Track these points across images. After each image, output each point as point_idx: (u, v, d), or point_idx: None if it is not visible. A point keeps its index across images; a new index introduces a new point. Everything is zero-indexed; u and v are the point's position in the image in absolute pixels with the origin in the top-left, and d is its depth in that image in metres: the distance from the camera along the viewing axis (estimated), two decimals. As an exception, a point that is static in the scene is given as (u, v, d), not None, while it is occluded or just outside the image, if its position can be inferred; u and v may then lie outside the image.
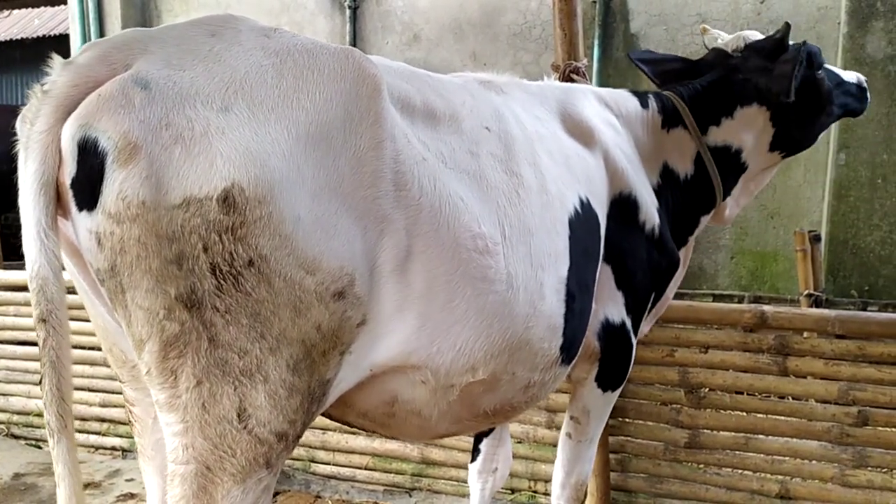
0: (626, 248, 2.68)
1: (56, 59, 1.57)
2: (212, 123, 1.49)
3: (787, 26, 3.04)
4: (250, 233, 1.51)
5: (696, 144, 3.03)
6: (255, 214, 1.51)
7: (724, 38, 3.22)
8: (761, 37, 3.15)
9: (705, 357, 3.76)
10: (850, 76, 3.34)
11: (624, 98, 2.99)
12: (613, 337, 2.69)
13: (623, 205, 2.67)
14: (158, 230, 1.47)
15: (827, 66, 3.24)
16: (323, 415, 1.91)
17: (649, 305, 2.90)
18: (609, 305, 2.65)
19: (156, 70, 1.52)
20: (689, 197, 3.05)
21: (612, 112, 2.87)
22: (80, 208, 1.51)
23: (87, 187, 1.48)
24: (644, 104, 3.00)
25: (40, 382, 1.57)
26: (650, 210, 2.75)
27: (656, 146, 2.98)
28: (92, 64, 1.54)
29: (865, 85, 3.37)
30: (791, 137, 3.14)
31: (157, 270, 1.48)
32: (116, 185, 1.45)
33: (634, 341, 2.80)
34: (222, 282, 1.51)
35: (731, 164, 3.10)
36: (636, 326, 2.80)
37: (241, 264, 1.52)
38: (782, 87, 2.94)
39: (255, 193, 1.50)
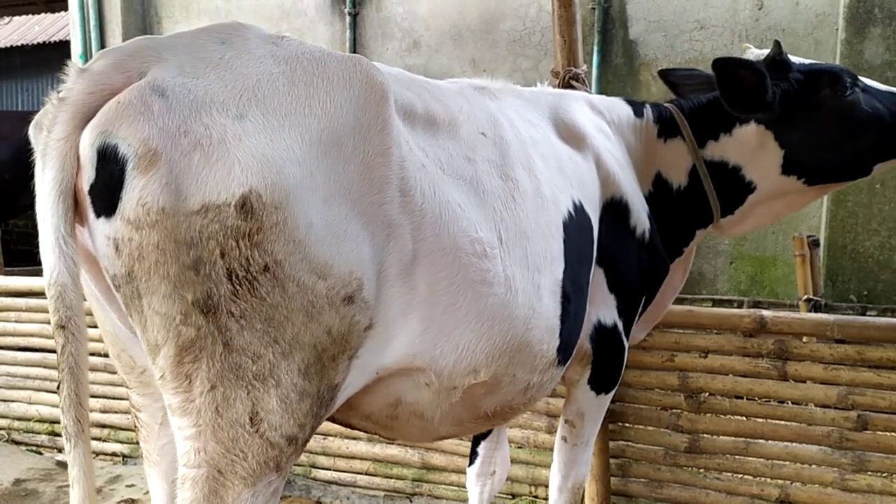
0: (618, 252, 2.71)
1: (71, 67, 1.59)
2: (229, 130, 1.52)
3: (777, 44, 2.92)
4: (266, 238, 1.54)
5: (692, 157, 3.00)
6: (272, 220, 1.53)
7: (753, 55, 3.05)
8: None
9: (705, 362, 3.77)
10: None
11: (616, 105, 3.02)
12: (605, 339, 2.72)
13: (615, 209, 2.71)
14: (177, 236, 1.49)
15: (892, 90, 2.97)
16: (327, 418, 1.93)
17: (640, 309, 2.94)
18: (601, 308, 2.69)
19: (171, 78, 1.54)
20: (681, 208, 3.03)
21: (604, 118, 2.90)
22: (98, 215, 1.53)
23: (107, 194, 1.51)
24: (638, 113, 3.03)
25: (58, 388, 1.59)
26: (641, 215, 2.78)
27: (650, 155, 3.00)
28: (107, 71, 1.56)
29: None
30: (807, 162, 2.94)
31: (174, 276, 1.51)
32: (136, 191, 1.47)
33: (626, 344, 2.83)
34: (238, 287, 1.54)
35: (729, 181, 3.01)
36: (627, 329, 2.83)
37: (257, 269, 1.54)
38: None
39: (272, 199, 1.53)
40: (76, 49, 8.65)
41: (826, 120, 2.90)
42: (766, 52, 3.05)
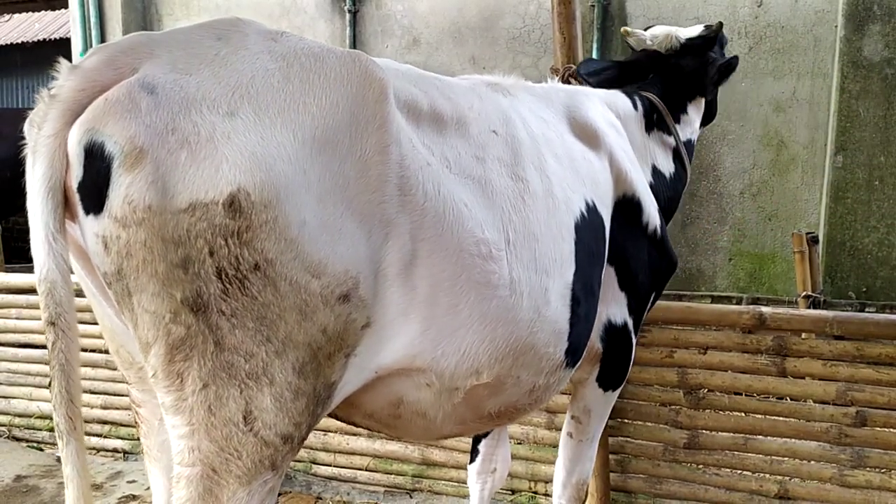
0: (630, 250, 2.70)
1: (63, 63, 1.57)
2: (217, 128, 1.49)
3: (720, 25, 3.33)
4: (256, 237, 1.51)
5: (673, 142, 3.18)
6: (261, 219, 1.51)
7: (651, 38, 3.40)
8: (692, 32, 3.38)
9: (704, 358, 3.78)
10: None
11: (620, 99, 3.06)
12: (616, 338, 2.71)
13: (627, 207, 2.70)
14: (164, 234, 1.47)
15: None
16: (329, 415, 1.92)
17: (649, 305, 2.93)
18: (612, 306, 2.68)
19: (162, 74, 1.51)
20: (673, 193, 3.15)
21: (614, 114, 2.92)
22: (87, 212, 1.51)
23: (94, 191, 1.49)
24: (635, 106, 3.09)
25: (49, 385, 1.57)
26: (651, 211, 2.78)
27: (645, 147, 3.07)
28: (99, 68, 1.54)
29: None
30: (712, 110, 3.56)
31: (163, 274, 1.49)
32: (123, 189, 1.45)
33: (635, 341, 2.83)
34: (228, 286, 1.52)
35: (690, 155, 3.32)
36: (637, 326, 2.82)
37: (247, 268, 1.52)
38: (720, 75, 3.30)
39: (261, 198, 1.50)
40: (77, 47, 8.64)
41: (718, 74, 3.39)
42: (646, 35, 3.45)
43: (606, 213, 2.57)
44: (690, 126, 3.37)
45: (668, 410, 3.87)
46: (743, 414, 3.77)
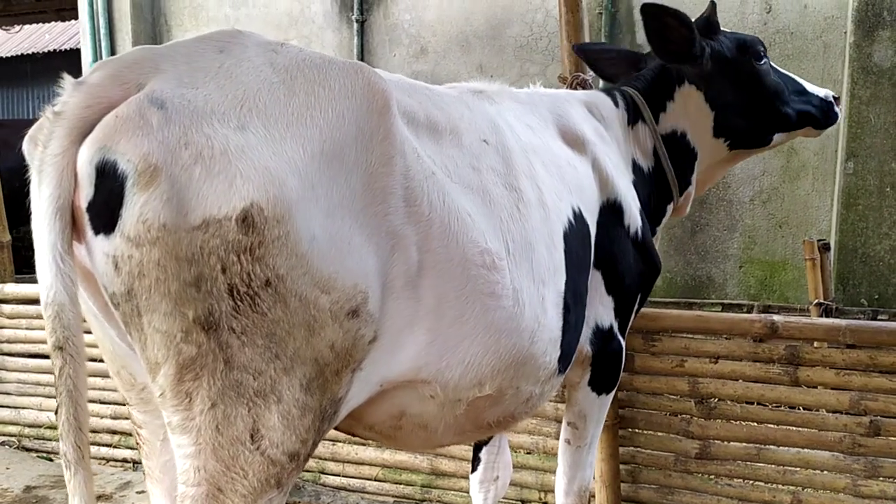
0: (615, 254, 2.72)
1: (67, 79, 1.54)
2: (231, 142, 1.48)
3: (713, 5, 3.12)
4: (268, 253, 1.50)
5: (652, 137, 3.09)
6: (273, 234, 1.49)
7: None
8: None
9: (715, 367, 3.75)
10: (817, 90, 3.31)
11: (602, 100, 3.06)
12: (604, 341, 2.73)
13: (610, 211, 2.72)
14: (178, 252, 1.45)
15: (788, 73, 3.31)
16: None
17: (636, 307, 2.95)
18: (599, 310, 2.70)
19: (170, 89, 1.49)
20: (653, 189, 3.11)
21: (595, 117, 2.93)
22: (97, 232, 1.49)
23: (105, 211, 1.46)
24: (616, 103, 3.08)
25: (56, 412, 1.54)
26: (634, 214, 2.80)
27: (626, 144, 3.05)
28: (104, 84, 1.52)
29: (832, 99, 3.33)
30: (732, 124, 3.14)
31: (175, 293, 1.47)
32: (137, 208, 1.43)
33: (624, 343, 2.85)
34: (239, 303, 1.50)
35: (681, 150, 3.15)
36: (624, 329, 2.85)
37: (259, 285, 1.51)
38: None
39: (274, 213, 1.49)
40: (86, 57, 8.68)
41: (747, 83, 3.11)
42: None
43: (592, 219, 2.59)
44: (679, 115, 3.11)
45: (679, 420, 3.84)
46: (755, 423, 3.74)
